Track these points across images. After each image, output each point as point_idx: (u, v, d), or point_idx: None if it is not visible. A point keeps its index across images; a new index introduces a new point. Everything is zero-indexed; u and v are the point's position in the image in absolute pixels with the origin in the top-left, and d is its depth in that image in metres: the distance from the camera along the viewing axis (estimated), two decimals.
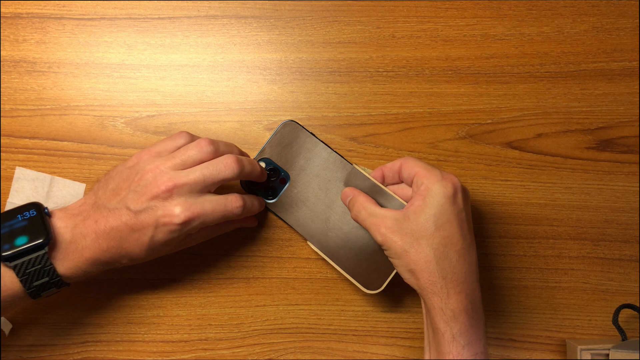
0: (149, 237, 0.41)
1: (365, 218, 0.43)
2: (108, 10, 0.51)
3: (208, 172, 0.41)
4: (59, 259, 0.40)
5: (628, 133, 0.51)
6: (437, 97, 0.51)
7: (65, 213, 0.42)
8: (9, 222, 0.40)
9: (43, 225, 0.39)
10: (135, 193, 0.41)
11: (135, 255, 0.41)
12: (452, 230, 0.41)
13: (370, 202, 0.44)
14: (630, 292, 0.50)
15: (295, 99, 0.51)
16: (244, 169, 0.43)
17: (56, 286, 0.40)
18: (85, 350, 0.49)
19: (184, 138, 0.44)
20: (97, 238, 0.40)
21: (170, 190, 0.40)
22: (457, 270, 0.40)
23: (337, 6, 0.52)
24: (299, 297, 0.50)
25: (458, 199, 0.41)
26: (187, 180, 0.41)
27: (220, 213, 0.42)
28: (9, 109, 0.50)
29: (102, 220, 0.41)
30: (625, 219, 0.51)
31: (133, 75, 0.51)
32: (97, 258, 0.41)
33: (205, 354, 0.49)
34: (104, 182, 0.43)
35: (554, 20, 0.52)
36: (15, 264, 0.38)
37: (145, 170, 0.41)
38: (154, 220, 0.40)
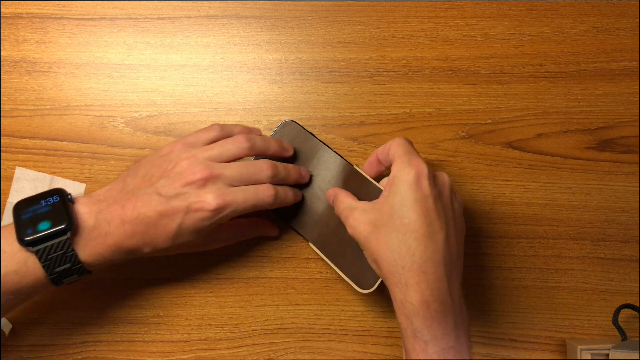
0: (177, 224, 0.40)
1: (341, 211, 0.43)
2: (108, 10, 0.51)
3: (246, 172, 0.42)
4: (81, 245, 0.39)
5: (628, 133, 0.51)
6: (437, 97, 0.51)
7: (89, 199, 0.41)
8: (32, 207, 0.39)
9: (66, 210, 0.39)
10: (168, 179, 0.41)
11: (159, 243, 0.41)
12: (412, 217, 0.38)
13: (348, 196, 0.44)
14: (630, 292, 0.50)
15: (295, 99, 0.51)
16: (278, 175, 0.44)
17: (78, 273, 0.40)
18: (85, 350, 0.49)
19: (216, 130, 0.45)
20: (122, 224, 0.40)
21: (205, 179, 0.41)
22: (416, 258, 0.38)
23: (337, 6, 0.52)
24: (299, 297, 0.50)
25: (423, 185, 0.39)
26: (223, 172, 0.41)
27: (251, 202, 0.42)
28: (9, 109, 0.50)
29: (130, 206, 0.40)
30: (625, 219, 0.51)
31: (133, 75, 0.51)
32: (121, 245, 0.40)
33: (205, 354, 0.49)
34: (133, 169, 0.43)
35: (554, 20, 0.52)
36: (38, 249, 0.38)
37: (181, 158, 0.42)
38: (185, 206, 0.40)
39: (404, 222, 0.39)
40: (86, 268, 0.40)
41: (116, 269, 0.49)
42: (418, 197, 0.39)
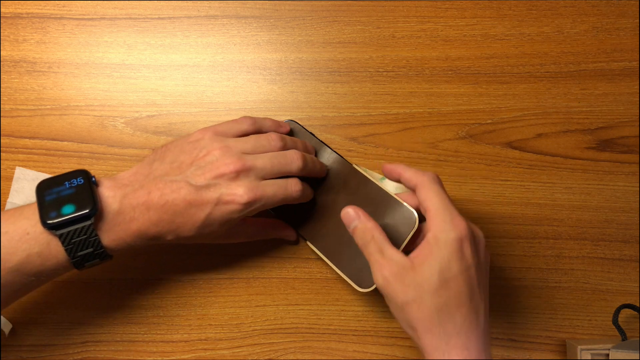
0: (206, 215, 0.40)
1: (372, 252, 0.40)
2: (108, 10, 0.51)
3: (277, 162, 0.43)
4: (105, 230, 0.39)
5: (628, 133, 0.51)
6: (437, 97, 0.51)
7: (114, 182, 0.40)
8: (56, 189, 0.39)
9: (91, 194, 0.38)
10: (199, 168, 0.41)
11: (184, 232, 0.41)
12: (459, 289, 0.37)
13: (381, 234, 0.40)
14: (630, 292, 0.50)
15: (295, 99, 0.51)
16: (307, 166, 0.44)
17: (99, 258, 0.39)
18: (85, 350, 0.49)
19: (247, 124, 0.45)
20: (147, 210, 0.39)
21: (238, 171, 0.41)
22: (461, 335, 0.37)
23: (337, 6, 0.52)
24: (299, 297, 0.50)
25: (466, 253, 0.38)
26: (256, 164, 0.42)
27: (280, 196, 0.42)
28: (9, 109, 0.50)
29: (156, 192, 0.40)
30: (625, 219, 0.51)
31: (133, 75, 0.51)
32: (145, 232, 0.40)
33: (205, 354, 0.49)
34: (160, 153, 0.43)
35: (554, 20, 0.52)
36: (61, 233, 0.37)
37: (213, 147, 0.42)
38: (215, 198, 0.40)
39: (449, 295, 0.37)
40: (108, 253, 0.39)
41: (116, 269, 0.49)
42: (462, 268, 0.38)
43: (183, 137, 0.44)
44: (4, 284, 0.37)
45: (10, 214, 0.38)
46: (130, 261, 0.50)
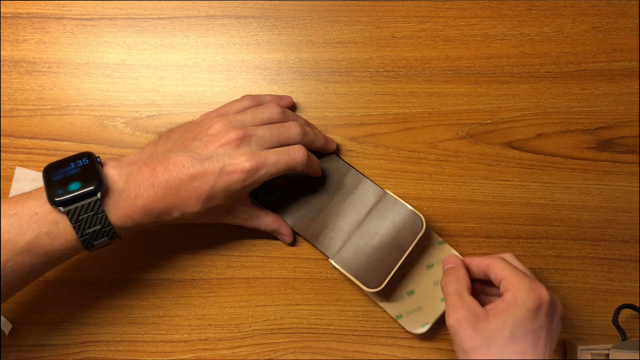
0: (210, 186, 0.40)
1: (450, 293, 0.42)
2: (108, 10, 0.51)
3: (276, 130, 0.43)
4: (111, 206, 0.39)
5: (628, 133, 0.51)
6: (437, 97, 0.51)
7: (119, 162, 0.41)
8: (63, 170, 0.40)
9: (96, 172, 0.39)
10: (201, 142, 0.41)
11: (189, 206, 0.41)
12: (526, 346, 0.38)
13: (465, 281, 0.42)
14: (630, 292, 0.50)
15: (295, 99, 0.51)
16: (307, 135, 0.45)
17: (108, 236, 0.39)
18: (85, 350, 0.49)
19: (248, 100, 0.47)
20: (152, 186, 0.40)
21: (240, 139, 0.41)
22: None
23: (337, 6, 0.52)
24: (299, 297, 0.50)
25: (541, 314, 0.39)
26: (256, 131, 0.42)
27: (284, 162, 0.42)
28: (9, 109, 0.50)
29: (161, 168, 0.40)
30: (625, 219, 0.51)
31: (133, 75, 0.51)
32: (150, 207, 0.40)
33: (205, 354, 0.49)
34: (165, 135, 0.44)
35: (554, 20, 0.52)
36: (69, 210, 0.38)
37: (214, 122, 0.43)
38: (219, 168, 0.40)
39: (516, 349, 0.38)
40: (115, 231, 0.40)
41: (116, 269, 0.49)
42: (535, 328, 0.39)
43: (187, 122, 0.45)
44: (14, 265, 0.37)
45: (19, 197, 0.39)
46: (130, 261, 0.50)
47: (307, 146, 0.45)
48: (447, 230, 0.50)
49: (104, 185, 0.39)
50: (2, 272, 0.37)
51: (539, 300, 0.39)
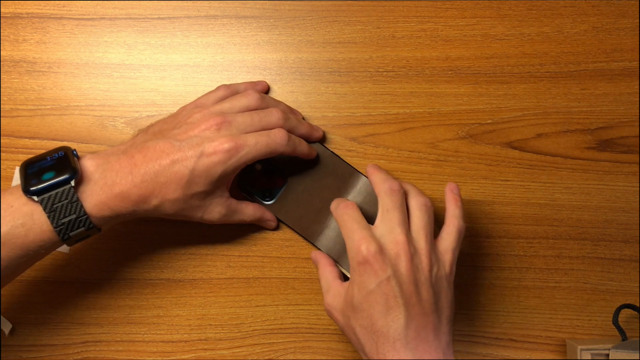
0: (190, 170, 0.40)
1: (321, 284, 0.45)
2: (108, 10, 0.51)
3: (256, 116, 0.43)
4: (87, 194, 0.39)
5: (628, 133, 0.51)
6: (437, 97, 0.51)
7: (96, 154, 0.41)
8: (38, 163, 0.40)
9: (70, 162, 0.39)
10: (181, 129, 0.42)
11: (169, 192, 0.40)
12: (369, 312, 0.39)
13: (327, 268, 0.45)
14: (630, 292, 0.50)
15: (295, 99, 0.51)
16: (288, 121, 0.45)
17: (84, 226, 0.39)
18: (85, 350, 0.49)
19: (222, 90, 0.47)
20: (130, 173, 0.39)
21: (219, 125, 0.41)
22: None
23: (337, 6, 0.52)
24: (299, 297, 0.50)
25: (376, 269, 0.38)
26: (236, 118, 0.42)
27: (263, 144, 0.42)
28: (9, 109, 0.50)
29: (139, 156, 0.40)
30: (625, 219, 0.51)
31: (133, 75, 0.51)
32: (127, 194, 0.39)
33: (205, 354, 0.49)
34: (144, 130, 0.44)
35: (554, 20, 0.52)
36: (42, 198, 0.37)
37: (193, 112, 0.43)
38: (198, 151, 0.40)
39: (363, 325, 0.39)
40: (93, 222, 0.39)
41: (116, 269, 0.49)
42: (372, 289, 0.38)
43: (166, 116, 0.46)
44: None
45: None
46: (130, 261, 0.50)
47: (290, 130, 0.45)
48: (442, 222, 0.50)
49: (78, 173, 0.38)
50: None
51: (359, 256, 0.39)
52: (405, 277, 0.38)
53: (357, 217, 0.41)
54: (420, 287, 0.39)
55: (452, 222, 0.43)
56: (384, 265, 0.38)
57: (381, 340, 0.38)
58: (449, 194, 0.44)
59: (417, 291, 0.38)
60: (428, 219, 0.41)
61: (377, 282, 0.38)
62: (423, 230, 0.41)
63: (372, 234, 0.40)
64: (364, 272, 0.39)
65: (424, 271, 0.39)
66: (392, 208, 0.40)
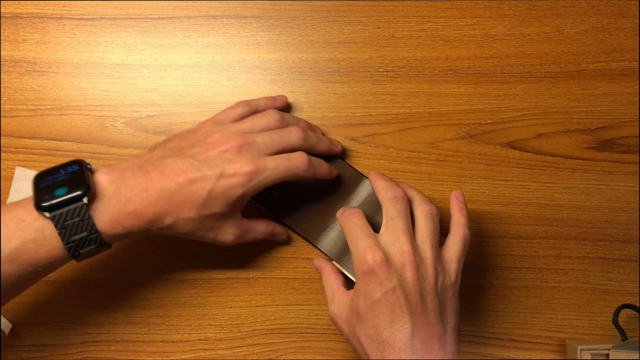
0: (207, 191, 0.39)
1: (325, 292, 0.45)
2: (108, 10, 0.51)
3: (276, 136, 0.43)
4: (100, 212, 0.38)
5: (628, 133, 0.51)
6: (437, 97, 0.51)
7: (111, 168, 0.40)
8: (52, 176, 0.39)
9: (84, 177, 0.38)
10: (200, 148, 0.41)
11: (184, 212, 0.39)
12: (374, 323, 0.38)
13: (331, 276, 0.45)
14: (630, 292, 0.50)
15: (295, 99, 0.51)
16: (309, 139, 0.44)
17: (95, 244, 0.38)
18: (85, 350, 0.49)
19: (242, 107, 0.46)
20: (145, 190, 0.39)
21: (240, 146, 0.41)
22: None
23: (337, 6, 0.52)
24: (299, 297, 0.50)
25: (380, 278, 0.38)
26: (256, 139, 0.42)
27: (284, 168, 0.42)
28: (9, 109, 0.50)
29: (156, 173, 0.39)
30: (625, 219, 0.51)
31: (133, 75, 0.51)
32: (141, 212, 0.38)
33: (205, 354, 0.49)
34: (161, 143, 0.43)
35: (554, 20, 0.52)
36: (54, 215, 0.37)
37: (213, 131, 0.42)
38: (218, 173, 0.40)
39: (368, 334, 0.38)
40: (104, 239, 0.38)
41: (116, 269, 0.49)
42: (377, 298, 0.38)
43: (183, 131, 0.45)
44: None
45: (7, 206, 0.38)
46: (130, 261, 0.50)
47: (310, 150, 0.45)
48: (447, 230, 0.50)
49: (92, 190, 0.38)
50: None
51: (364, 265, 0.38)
52: (411, 287, 0.38)
53: (362, 225, 0.41)
54: (425, 297, 0.38)
55: (457, 231, 0.42)
56: (390, 275, 0.38)
57: (387, 350, 0.37)
58: (454, 202, 0.44)
59: (423, 301, 0.38)
60: (434, 227, 0.41)
61: (383, 292, 0.38)
62: (428, 239, 0.40)
63: (378, 243, 0.39)
64: (369, 282, 0.38)
65: (429, 281, 0.39)
66: (397, 216, 0.40)
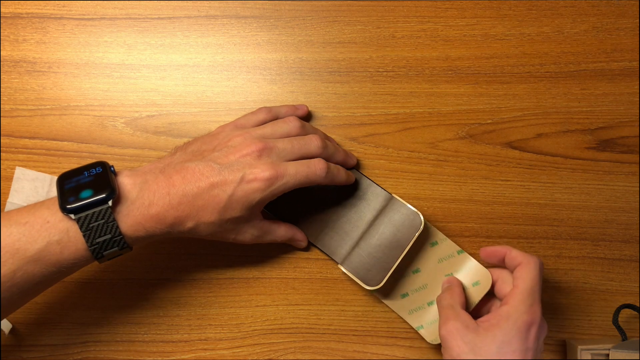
0: (228, 195, 0.40)
1: (443, 306, 0.43)
2: (108, 10, 0.51)
3: (296, 143, 0.43)
4: (123, 215, 0.38)
5: (628, 133, 0.51)
6: (437, 97, 0.51)
7: (134, 172, 0.41)
8: (76, 178, 0.39)
9: (109, 180, 0.39)
10: (221, 152, 0.42)
11: (205, 216, 0.40)
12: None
13: (459, 297, 0.44)
14: (630, 292, 0.50)
15: (295, 99, 0.51)
16: (327, 148, 0.45)
17: (118, 246, 0.38)
18: (85, 350, 0.49)
19: (264, 113, 0.47)
20: (167, 194, 0.39)
21: (260, 151, 0.41)
22: None
23: (337, 6, 0.52)
24: (299, 297, 0.50)
25: (530, 337, 0.40)
26: (277, 144, 0.42)
27: (303, 174, 0.42)
28: (9, 109, 0.50)
29: (178, 177, 0.40)
30: (625, 219, 0.51)
31: (133, 75, 0.51)
32: (164, 216, 0.39)
33: (205, 354, 0.49)
34: (182, 147, 0.44)
35: (554, 20, 0.52)
36: (79, 217, 0.37)
37: (234, 135, 0.43)
38: (239, 177, 0.40)
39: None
40: (126, 241, 0.39)
41: (116, 269, 0.49)
42: (522, 349, 0.39)
43: (204, 134, 0.45)
44: (24, 275, 0.37)
45: (32, 205, 0.39)
46: (130, 261, 0.50)
47: (327, 160, 0.45)
48: (447, 231, 0.50)
49: (116, 193, 0.38)
50: (12, 281, 0.37)
51: (531, 322, 0.40)
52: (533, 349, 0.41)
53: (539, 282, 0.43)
54: None
55: None
56: (535, 337, 0.40)
57: None
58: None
59: None
60: None
61: (525, 348, 0.40)
62: None
63: None
64: (522, 337, 0.40)
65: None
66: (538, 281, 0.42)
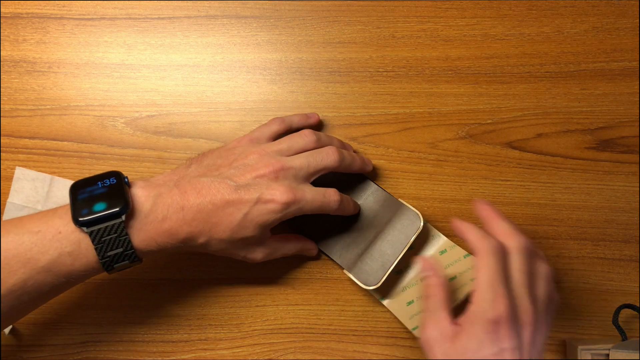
0: (243, 215, 0.40)
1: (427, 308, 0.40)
2: (108, 10, 0.51)
3: (312, 159, 0.43)
4: (136, 229, 0.38)
5: (628, 133, 0.51)
6: (437, 97, 0.51)
7: (147, 183, 0.40)
8: (89, 188, 0.39)
9: (123, 193, 0.38)
10: (238, 170, 0.41)
11: (217, 233, 0.40)
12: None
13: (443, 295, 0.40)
14: (630, 292, 0.50)
15: (295, 99, 0.51)
16: (344, 160, 0.45)
17: (129, 259, 0.38)
18: (85, 350, 0.49)
19: (277, 124, 0.47)
20: (181, 209, 0.39)
21: (277, 172, 0.41)
22: None
23: (337, 6, 0.52)
24: (299, 297, 0.50)
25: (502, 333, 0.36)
26: (293, 164, 0.42)
27: (318, 202, 0.42)
28: (9, 109, 0.50)
29: (193, 192, 0.39)
30: (625, 219, 0.51)
31: (133, 75, 0.51)
32: (177, 231, 0.39)
33: (205, 354, 0.49)
34: (197, 159, 0.43)
35: (554, 20, 0.52)
36: (92, 230, 0.37)
37: (250, 152, 0.42)
38: (255, 197, 0.40)
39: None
40: (137, 255, 0.39)
41: None
42: (494, 351, 0.36)
43: (219, 147, 0.45)
44: (34, 284, 0.37)
45: (44, 213, 0.38)
46: None
47: (345, 170, 0.45)
48: (447, 231, 0.50)
49: (130, 207, 0.38)
50: (23, 290, 0.37)
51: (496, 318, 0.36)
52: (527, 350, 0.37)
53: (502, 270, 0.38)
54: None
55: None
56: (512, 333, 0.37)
57: None
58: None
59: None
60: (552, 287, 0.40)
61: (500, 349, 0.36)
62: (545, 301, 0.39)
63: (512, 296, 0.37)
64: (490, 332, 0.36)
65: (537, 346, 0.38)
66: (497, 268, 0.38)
